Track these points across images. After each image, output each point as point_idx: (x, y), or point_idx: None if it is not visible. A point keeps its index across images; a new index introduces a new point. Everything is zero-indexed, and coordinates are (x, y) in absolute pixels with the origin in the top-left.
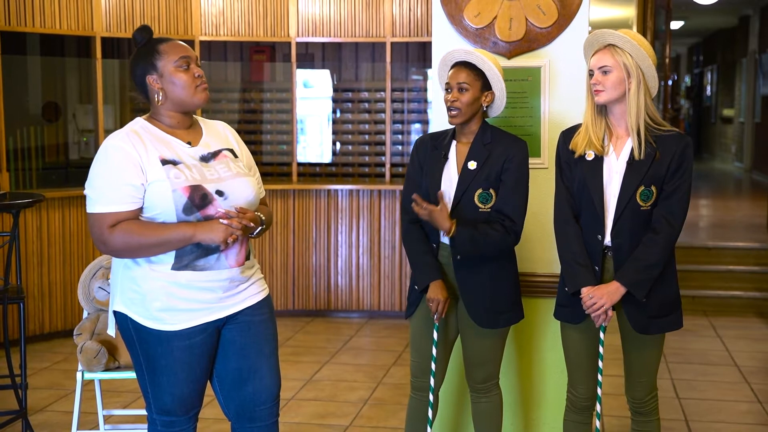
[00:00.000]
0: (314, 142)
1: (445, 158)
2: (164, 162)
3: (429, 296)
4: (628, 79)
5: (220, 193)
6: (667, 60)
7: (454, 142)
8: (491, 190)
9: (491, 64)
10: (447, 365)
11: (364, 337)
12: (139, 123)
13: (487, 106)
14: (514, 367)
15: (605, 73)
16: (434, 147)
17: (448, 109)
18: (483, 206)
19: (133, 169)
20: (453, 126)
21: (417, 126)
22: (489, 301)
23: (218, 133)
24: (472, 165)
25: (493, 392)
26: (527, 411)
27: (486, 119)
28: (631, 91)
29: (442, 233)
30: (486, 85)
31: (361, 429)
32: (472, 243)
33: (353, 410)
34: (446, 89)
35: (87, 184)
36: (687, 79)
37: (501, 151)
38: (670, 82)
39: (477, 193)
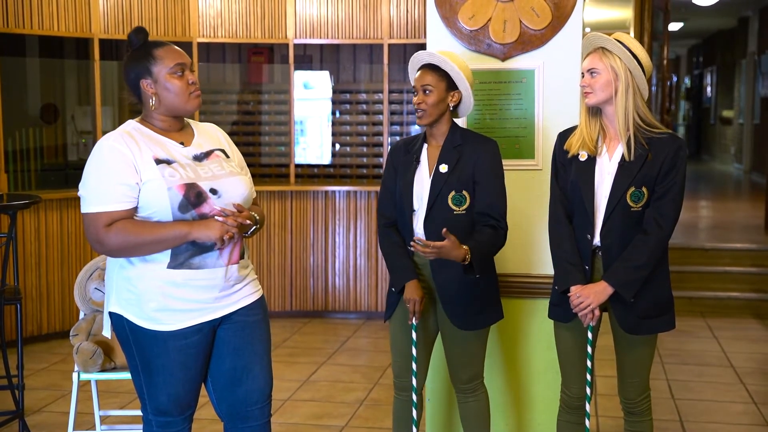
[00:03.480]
0: (314, 143)
1: (417, 162)
2: (158, 161)
3: (405, 297)
4: (615, 82)
5: (214, 191)
6: (665, 62)
7: (425, 146)
8: (464, 192)
9: (452, 65)
10: (428, 364)
11: (362, 338)
12: (132, 125)
13: (454, 106)
14: (507, 368)
15: (594, 75)
16: (406, 151)
17: (416, 111)
18: (457, 208)
19: (127, 168)
20: (424, 130)
21: (416, 128)
22: (468, 303)
23: (210, 134)
24: (444, 168)
25: (479, 391)
26: (520, 412)
27: (455, 119)
28: (618, 94)
29: (416, 233)
30: (452, 86)
31: (357, 430)
32: (484, 257)
33: (349, 411)
34: (413, 92)
35: (81, 185)
36: (687, 81)
37: (471, 152)
38: (669, 84)
39: (450, 196)
